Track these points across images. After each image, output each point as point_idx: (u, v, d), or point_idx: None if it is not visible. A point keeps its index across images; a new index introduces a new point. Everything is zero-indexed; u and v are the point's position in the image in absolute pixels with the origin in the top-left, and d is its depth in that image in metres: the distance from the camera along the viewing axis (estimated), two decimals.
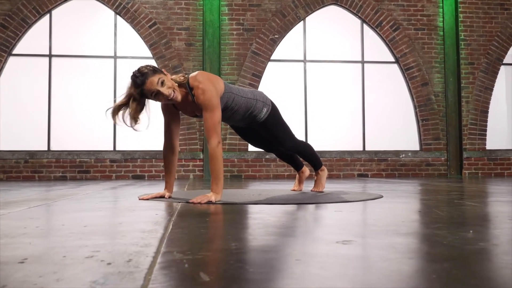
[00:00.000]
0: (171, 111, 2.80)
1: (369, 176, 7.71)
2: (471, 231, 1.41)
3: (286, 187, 4.22)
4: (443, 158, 7.90)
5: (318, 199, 2.68)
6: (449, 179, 6.40)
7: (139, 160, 7.37)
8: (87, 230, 1.44)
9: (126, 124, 2.55)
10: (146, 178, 7.31)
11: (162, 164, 7.38)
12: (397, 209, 2.16)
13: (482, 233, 1.41)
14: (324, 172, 3.48)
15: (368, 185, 4.64)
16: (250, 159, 7.54)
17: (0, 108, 7.25)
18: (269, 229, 1.48)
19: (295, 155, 3.49)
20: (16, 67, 7.33)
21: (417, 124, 7.90)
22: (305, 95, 7.80)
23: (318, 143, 7.70)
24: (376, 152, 7.78)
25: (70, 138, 7.36)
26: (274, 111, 3.09)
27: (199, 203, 2.44)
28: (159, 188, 4.36)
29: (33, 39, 7.37)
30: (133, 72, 2.55)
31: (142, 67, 2.56)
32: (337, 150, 7.74)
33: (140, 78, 2.50)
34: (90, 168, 7.31)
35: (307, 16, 7.85)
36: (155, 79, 2.50)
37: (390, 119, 7.87)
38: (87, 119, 7.42)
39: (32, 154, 7.21)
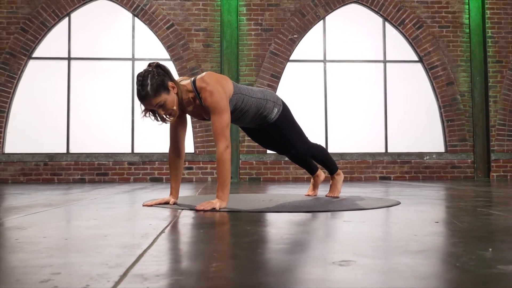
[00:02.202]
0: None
1: (392, 179, 7.47)
2: (490, 249, 1.24)
3: (302, 192, 4.07)
4: (469, 160, 7.60)
5: (330, 206, 2.53)
6: (475, 182, 6.12)
7: (157, 162, 7.32)
8: (64, 245, 1.33)
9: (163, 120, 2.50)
10: (164, 181, 7.25)
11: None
12: (413, 219, 1.99)
13: (503, 251, 1.24)
14: (340, 177, 3.32)
15: (389, 189, 4.44)
16: (269, 162, 7.41)
17: (21, 111, 7.31)
18: (263, 245, 1.34)
19: (309, 158, 3.33)
20: (36, 70, 7.37)
21: (442, 125, 7.63)
22: (325, 96, 7.62)
23: (338, 145, 7.53)
24: (399, 154, 7.54)
25: (88, 141, 7.36)
26: (285, 112, 2.94)
27: (203, 210, 2.33)
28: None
29: (53, 42, 7.41)
30: (138, 79, 2.37)
31: (147, 78, 2.34)
32: (358, 152, 7.53)
33: (141, 93, 2.35)
34: (108, 171, 7.29)
35: (327, 15, 7.67)
36: (154, 101, 2.36)
37: (414, 120, 7.62)
38: (105, 121, 7.41)
39: (51, 156, 7.24)
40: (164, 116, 2.47)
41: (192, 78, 2.56)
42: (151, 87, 2.34)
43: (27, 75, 7.35)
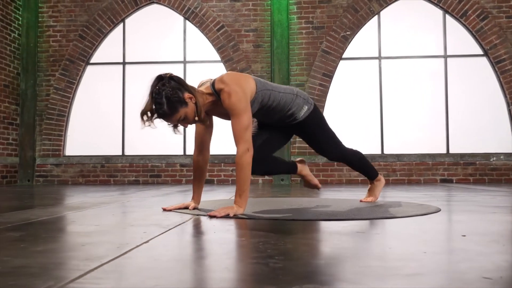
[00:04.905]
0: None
1: (454, 181, 6.98)
2: (501, 277, 1.01)
3: (349, 196, 3.85)
4: None
5: (355, 214, 2.32)
6: None
7: (208, 164, 7.31)
8: (29, 258, 1.26)
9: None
10: (215, 182, 7.24)
11: (231, 168, 7.28)
12: (439, 231, 1.75)
13: None
14: (380, 182, 3.08)
15: (442, 194, 4.10)
16: (321, 163, 7.18)
17: (80, 115, 7.60)
18: (238, 262, 1.20)
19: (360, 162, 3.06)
20: (93, 76, 7.64)
21: (511, 123, 7.01)
22: (380, 94, 7.27)
23: (395, 146, 7.16)
24: (462, 155, 7.03)
25: (142, 143, 7.51)
26: (316, 112, 2.74)
27: (215, 216, 2.21)
28: (216, 194, 4.20)
29: (108, 47, 7.64)
30: (153, 97, 2.25)
31: (161, 95, 2.22)
32: (416, 153, 7.11)
33: (159, 112, 2.26)
34: (161, 173, 7.40)
35: (382, 10, 7.32)
36: (175, 118, 2.28)
37: (478, 118, 7.07)
38: (158, 124, 7.52)
39: (108, 159, 7.46)
40: (187, 126, 2.40)
41: (212, 80, 2.46)
42: (167, 105, 2.24)
43: (85, 80, 7.63)
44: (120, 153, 7.54)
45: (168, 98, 2.24)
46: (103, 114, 7.58)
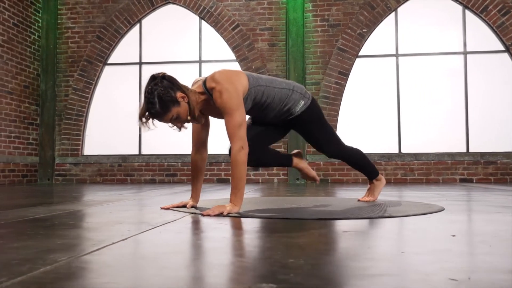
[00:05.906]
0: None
1: (474, 181, 6.80)
2: (469, 278, 0.96)
3: (358, 195, 3.79)
4: None
5: (353, 213, 2.27)
6: None
7: (223, 163, 7.33)
8: None
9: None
10: (230, 182, 7.23)
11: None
12: (431, 231, 1.69)
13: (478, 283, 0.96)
14: (380, 182, 3.01)
15: (457, 193, 3.99)
16: (337, 162, 7.09)
17: (97, 115, 7.71)
18: (204, 264, 1.17)
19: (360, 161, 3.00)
20: (111, 76, 7.74)
21: None
22: (397, 92, 7.14)
23: (413, 144, 7.02)
24: (482, 154, 6.84)
25: (158, 143, 7.56)
26: (314, 107, 2.67)
27: (209, 215, 2.19)
28: (226, 193, 4.19)
29: (125, 48, 7.73)
30: (145, 96, 2.24)
31: (154, 95, 2.21)
32: (435, 152, 6.96)
33: (151, 111, 2.24)
34: (177, 172, 7.44)
35: (399, 6, 7.19)
36: (167, 118, 2.27)
37: (499, 116, 6.87)
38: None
39: (124, 158, 7.55)
40: (181, 126, 2.38)
41: (204, 78, 2.44)
42: (160, 105, 2.23)
43: (102, 80, 7.74)
44: (137, 153, 7.61)
45: (160, 97, 2.23)
46: (120, 114, 7.66)
